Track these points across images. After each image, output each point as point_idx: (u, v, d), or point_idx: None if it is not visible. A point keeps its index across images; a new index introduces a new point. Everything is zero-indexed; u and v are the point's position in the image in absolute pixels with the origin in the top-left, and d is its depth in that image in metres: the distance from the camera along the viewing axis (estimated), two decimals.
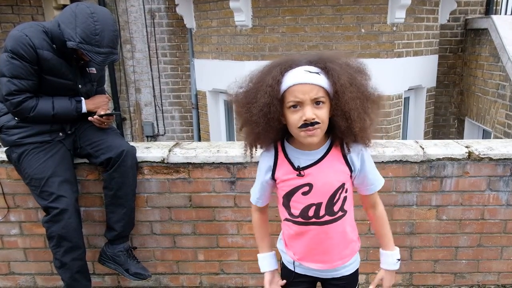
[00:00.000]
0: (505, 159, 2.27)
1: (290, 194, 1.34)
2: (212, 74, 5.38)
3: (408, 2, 4.33)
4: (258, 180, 1.43)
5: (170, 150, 2.38)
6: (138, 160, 2.32)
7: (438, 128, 5.95)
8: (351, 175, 1.35)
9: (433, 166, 2.30)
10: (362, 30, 4.52)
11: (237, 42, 4.86)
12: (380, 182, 1.42)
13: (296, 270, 1.47)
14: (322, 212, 1.33)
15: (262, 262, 1.53)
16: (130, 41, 6.05)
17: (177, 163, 2.35)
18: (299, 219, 1.36)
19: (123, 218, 2.26)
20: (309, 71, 1.20)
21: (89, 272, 2.27)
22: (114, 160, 2.17)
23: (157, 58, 6.09)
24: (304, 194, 1.32)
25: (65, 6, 2.61)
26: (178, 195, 2.41)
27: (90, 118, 2.20)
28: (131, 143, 2.33)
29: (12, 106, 2.03)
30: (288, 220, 1.39)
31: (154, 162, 2.35)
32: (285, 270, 1.52)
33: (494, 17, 4.87)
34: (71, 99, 2.16)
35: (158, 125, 6.40)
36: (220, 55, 5.17)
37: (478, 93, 5.10)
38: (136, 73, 6.17)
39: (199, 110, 5.99)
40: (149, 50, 6.06)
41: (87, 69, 2.22)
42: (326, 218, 1.34)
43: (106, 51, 1.99)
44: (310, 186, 1.31)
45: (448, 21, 5.35)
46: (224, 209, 2.42)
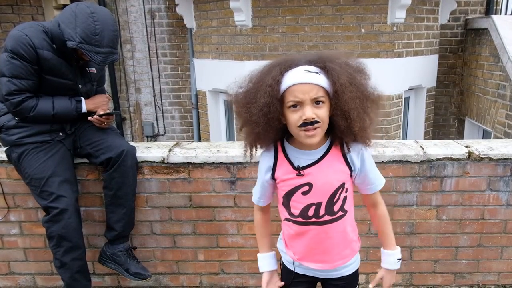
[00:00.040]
0: (505, 159, 2.27)
1: (290, 194, 1.34)
2: (212, 74, 5.38)
3: (408, 2, 4.33)
4: (259, 179, 1.43)
5: (170, 150, 2.38)
6: (138, 160, 2.32)
7: (438, 128, 5.95)
8: (351, 175, 1.35)
9: (433, 166, 2.30)
10: (362, 30, 4.52)
11: (237, 42, 4.86)
12: (380, 181, 1.42)
13: (296, 270, 1.47)
14: (322, 211, 1.33)
15: (262, 262, 1.54)
16: (130, 41, 6.05)
17: (177, 163, 2.35)
18: (299, 219, 1.36)
19: (123, 218, 2.26)
20: (308, 71, 1.20)
21: (89, 272, 2.27)
22: (114, 160, 2.17)
23: (157, 58, 6.10)
24: (304, 193, 1.32)
25: (65, 6, 2.60)
26: (178, 195, 2.41)
27: (90, 118, 2.20)
28: (131, 143, 2.33)
29: (12, 106, 2.03)
30: (288, 220, 1.39)
31: (154, 162, 2.35)
32: (285, 270, 1.52)
33: (494, 17, 4.86)
34: (71, 99, 2.16)
35: (158, 125, 6.40)
36: (220, 55, 5.17)
37: (478, 93, 5.10)
38: (136, 73, 6.17)
39: (199, 110, 6.00)
40: (149, 50, 6.06)
41: (87, 69, 2.22)
42: (326, 217, 1.34)
43: (106, 51, 1.99)
44: (310, 185, 1.31)
45: (448, 21, 5.35)
46: (224, 209, 2.42)
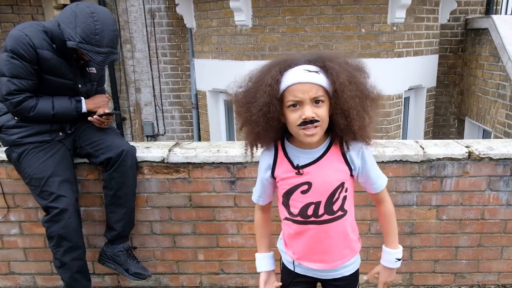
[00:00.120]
0: (505, 159, 2.27)
1: (289, 193, 1.35)
2: (212, 74, 5.38)
3: (408, 2, 4.32)
4: (259, 178, 1.43)
5: (170, 150, 2.38)
6: (138, 160, 2.32)
7: (438, 128, 5.95)
8: (351, 174, 1.35)
9: (433, 166, 2.29)
10: (362, 30, 4.52)
11: (237, 42, 4.86)
12: (382, 181, 1.42)
13: (296, 270, 1.47)
14: (321, 211, 1.33)
15: (259, 262, 1.54)
16: (130, 41, 6.05)
17: (177, 163, 2.35)
18: (298, 218, 1.36)
19: (123, 218, 2.26)
20: (308, 70, 1.20)
21: (89, 272, 2.27)
22: (114, 160, 2.17)
23: (157, 58, 6.10)
24: (303, 192, 1.32)
25: (65, 5, 2.60)
26: (178, 195, 2.41)
27: (90, 118, 2.20)
28: (131, 143, 2.33)
29: (12, 106, 2.03)
30: (287, 219, 1.39)
31: (154, 162, 2.35)
32: (285, 270, 1.52)
33: (494, 17, 4.86)
34: (71, 99, 2.16)
35: (158, 125, 6.40)
36: (220, 55, 5.17)
37: (478, 93, 5.09)
38: (136, 73, 6.17)
39: (199, 110, 6.00)
40: (149, 50, 6.06)
41: (87, 68, 2.22)
42: (325, 217, 1.33)
43: (106, 51, 1.99)
44: (309, 184, 1.31)
45: (448, 21, 5.35)
46: (224, 209, 2.42)
